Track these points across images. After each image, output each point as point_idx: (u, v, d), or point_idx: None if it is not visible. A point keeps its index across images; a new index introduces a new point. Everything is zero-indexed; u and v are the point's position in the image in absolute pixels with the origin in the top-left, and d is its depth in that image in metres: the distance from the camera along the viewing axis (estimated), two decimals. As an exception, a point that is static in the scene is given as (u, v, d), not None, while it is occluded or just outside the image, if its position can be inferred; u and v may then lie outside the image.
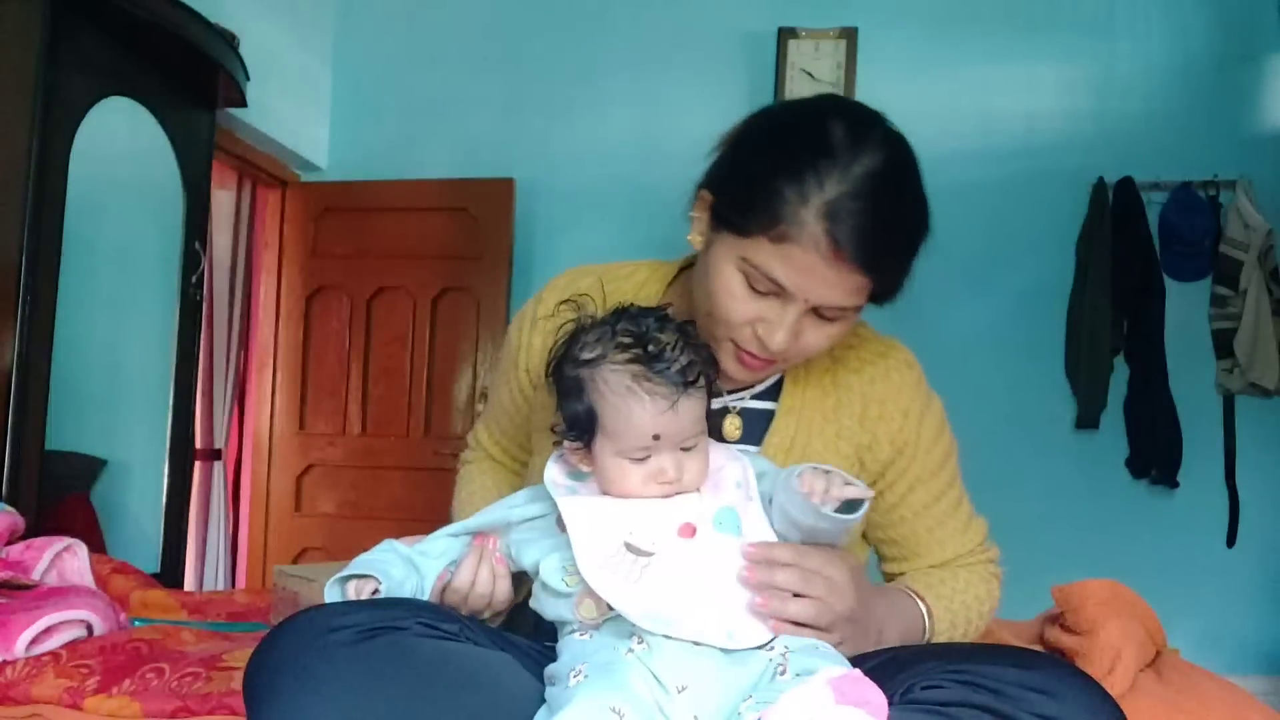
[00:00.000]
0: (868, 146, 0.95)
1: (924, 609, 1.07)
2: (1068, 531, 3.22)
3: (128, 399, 2.79)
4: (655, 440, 0.89)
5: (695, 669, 0.84)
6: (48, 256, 2.24)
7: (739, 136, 1.04)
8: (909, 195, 0.98)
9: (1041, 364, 3.37)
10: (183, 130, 2.81)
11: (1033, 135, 3.43)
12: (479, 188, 3.55)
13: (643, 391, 0.88)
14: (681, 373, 0.90)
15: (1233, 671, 2.89)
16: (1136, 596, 1.30)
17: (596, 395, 0.90)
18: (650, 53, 3.62)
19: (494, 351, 3.54)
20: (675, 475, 0.91)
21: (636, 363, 0.89)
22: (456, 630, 0.88)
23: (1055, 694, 0.79)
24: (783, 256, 0.94)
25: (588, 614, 0.89)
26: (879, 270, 0.96)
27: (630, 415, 0.89)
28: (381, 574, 0.93)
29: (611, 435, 0.90)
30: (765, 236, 0.94)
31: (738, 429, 1.11)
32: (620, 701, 0.78)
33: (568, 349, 0.94)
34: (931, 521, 1.12)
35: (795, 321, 0.97)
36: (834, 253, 0.92)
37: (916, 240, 1.00)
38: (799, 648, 0.84)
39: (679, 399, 0.89)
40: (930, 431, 1.11)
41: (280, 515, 3.64)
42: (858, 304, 0.99)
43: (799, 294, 0.95)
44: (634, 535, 0.89)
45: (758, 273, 0.96)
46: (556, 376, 0.95)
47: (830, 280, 0.94)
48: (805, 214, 0.92)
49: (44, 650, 1.30)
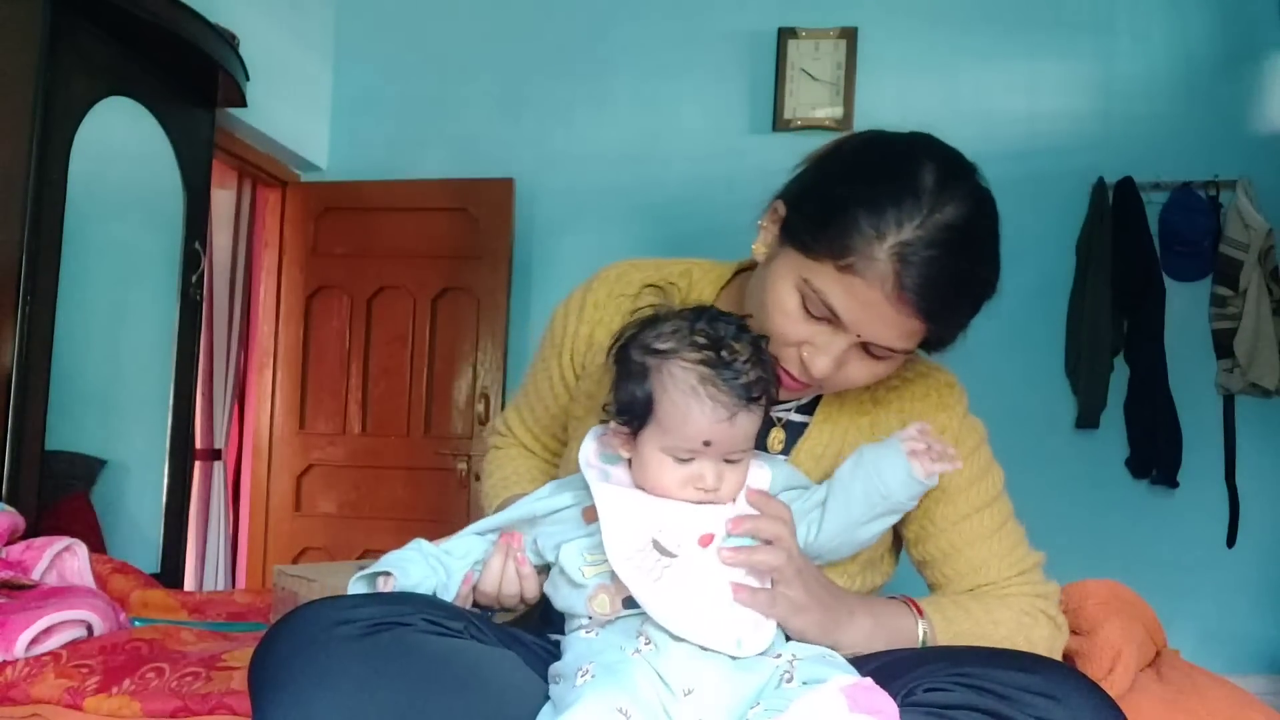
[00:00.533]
0: (954, 197, 0.93)
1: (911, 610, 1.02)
2: (1068, 531, 3.20)
3: (128, 399, 2.79)
4: (705, 446, 0.89)
5: (702, 672, 0.84)
6: (48, 256, 2.24)
7: (826, 155, 1.02)
8: (984, 254, 0.97)
9: (1041, 364, 3.38)
10: (183, 130, 2.81)
11: (1033, 135, 3.43)
12: (479, 188, 3.55)
13: (706, 396, 0.88)
14: (747, 387, 0.89)
15: (1233, 671, 2.89)
16: (1136, 596, 1.30)
17: (659, 386, 0.90)
18: (650, 52, 3.62)
19: (494, 351, 3.54)
20: (714, 485, 0.90)
21: (706, 365, 0.89)
22: (461, 627, 0.88)
23: (1059, 698, 0.79)
24: (845, 287, 0.93)
25: (600, 609, 0.89)
26: (937, 321, 0.95)
27: (688, 415, 0.89)
28: (400, 572, 0.94)
29: (664, 429, 0.90)
30: (832, 263, 0.93)
31: (780, 442, 1.10)
32: (627, 702, 0.78)
33: (639, 333, 0.94)
34: (960, 540, 1.08)
35: (842, 353, 0.97)
36: (898, 294, 0.91)
37: (980, 299, 0.99)
38: (806, 655, 0.84)
39: (739, 412, 0.89)
40: (965, 447, 1.09)
41: (280, 515, 3.64)
42: (908, 348, 0.98)
43: (853, 327, 0.95)
44: (662, 534, 0.89)
45: (816, 297, 0.95)
46: (621, 357, 0.94)
47: (888, 320, 0.94)
48: (877, 250, 0.91)
49: (44, 650, 1.30)
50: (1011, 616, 1.04)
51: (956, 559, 1.08)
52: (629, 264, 1.21)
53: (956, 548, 1.08)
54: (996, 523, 1.09)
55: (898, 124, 1.01)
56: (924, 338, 0.98)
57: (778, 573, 0.91)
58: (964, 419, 1.11)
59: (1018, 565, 1.08)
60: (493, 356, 3.54)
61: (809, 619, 0.92)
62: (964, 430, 1.10)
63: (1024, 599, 1.06)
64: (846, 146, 1.01)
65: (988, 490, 1.10)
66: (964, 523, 1.08)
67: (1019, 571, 1.08)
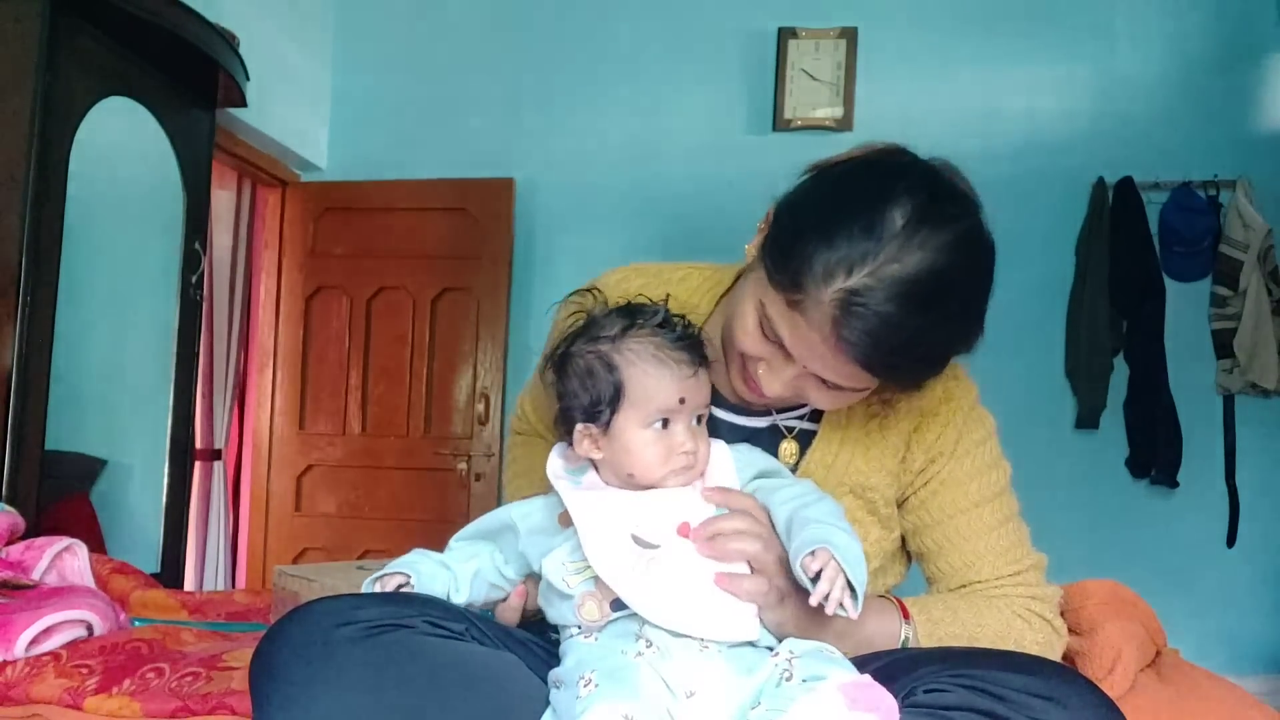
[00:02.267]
0: (923, 245, 0.86)
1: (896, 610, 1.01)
2: (1068, 531, 3.21)
3: (128, 399, 2.79)
4: (681, 404, 0.92)
5: (703, 674, 0.84)
6: (48, 256, 2.24)
7: (821, 171, 0.97)
8: (949, 312, 0.89)
9: (1041, 364, 3.38)
10: (183, 130, 2.81)
11: (1033, 135, 3.43)
12: (479, 188, 3.55)
13: (669, 359, 0.93)
14: (696, 346, 0.95)
15: (1233, 671, 2.89)
16: (1136, 596, 1.30)
17: (623, 365, 0.93)
18: (650, 52, 3.62)
19: (494, 351, 3.54)
20: (693, 445, 0.93)
21: (658, 335, 0.94)
22: (463, 629, 0.88)
23: (1059, 700, 0.79)
24: (790, 322, 0.91)
25: (590, 616, 0.89)
26: (883, 374, 0.92)
27: (660, 378, 0.92)
28: (412, 570, 0.97)
29: (637, 403, 0.92)
30: (783, 295, 0.91)
31: (793, 454, 1.09)
32: (633, 708, 0.78)
33: (577, 338, 0.97)
34: (957, 534, 1.06)
35: (794, 379, 0.97)
36: (836, 344, 0.88)
37: (938, 357, 0.94)
38: (804, 652, 0.84)
39: (698, 368, 0.94)
40: (968, 442, 1.08)
41: (280, 515, 3.64)
42: (859, 387, 0.96)
43: (800, 360, 0.94)
44: (640, 528, 0.90)
45: (769, 323, 0.94)
46: (566, 364, 0.96)
47: (829, 363, 0.91)
48: (824, 293, 0.87)
49: (44, 650, 1.30)
50: (1000, 620, 1.03)
51: (951, 553, 1.07)
52: (632, 269, 1.21)
53: (952, 541, 1.07)
54: (996, 520, 1.07)
55: (898, 124, 1.01)
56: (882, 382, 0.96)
57: (756, 560, 0.91)
58: (969, 412, 1.09)
59: (1014, 565, 1.06)
60: (493, 356, 3.54)
61: (789, 611, 0.91)
62: (969, 423, 1.09)
63: (1017, 600, 1.05)
64: (840, 168, 0.96)
65: (990, 486, 1.08)
66: (961, 516, 1.07)
67: (1014, 571, 1.06)
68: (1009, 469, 1.11)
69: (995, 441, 1.11)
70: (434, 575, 0.98)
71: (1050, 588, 1.08)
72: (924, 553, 1.10)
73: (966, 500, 1.07)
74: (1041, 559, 1.09)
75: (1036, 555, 1.09)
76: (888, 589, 1.13)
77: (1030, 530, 1.11)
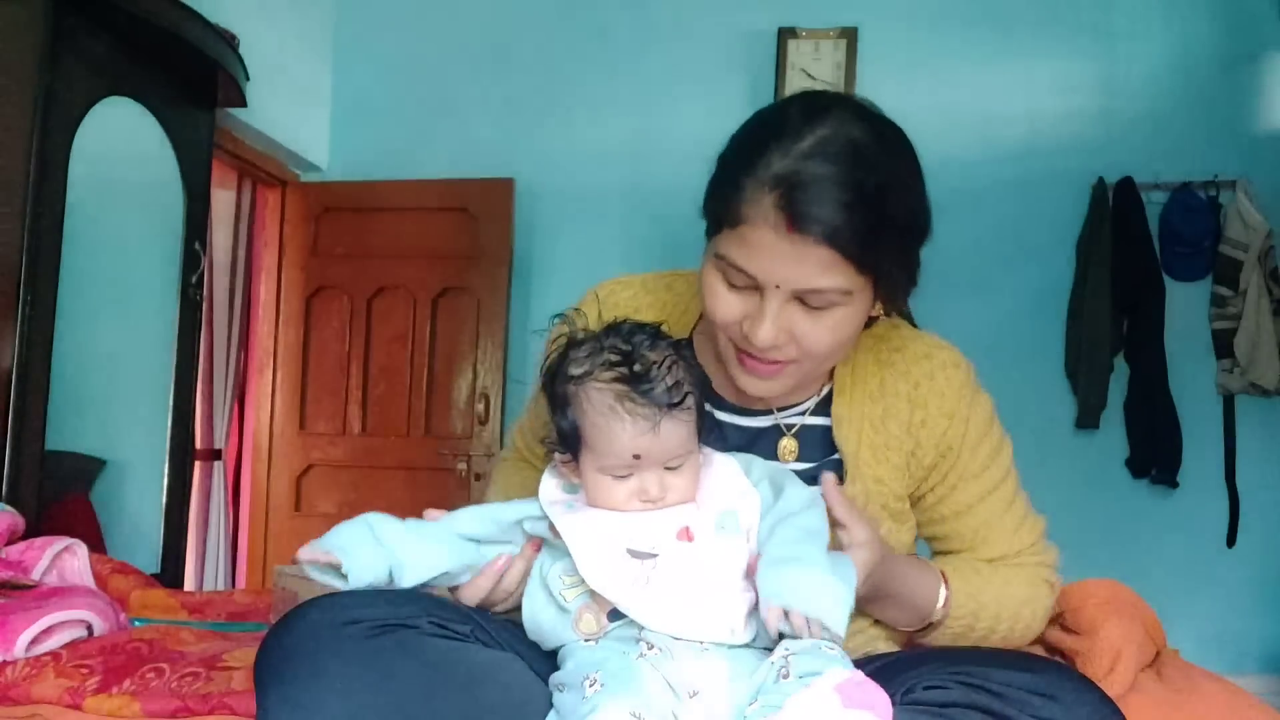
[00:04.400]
0: (824, 120, 0.91)
1: (943, 585, 1.05)
2: (1067, 531, 3.19)
3: (128, 399, 2.79)
4: (636, 460, 0.89)
5: (706, 674, 0.84)
6: (48, 256, 2.24)
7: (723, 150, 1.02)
8: (874, 163, 0.90)
9: (1041, 364, 3.38)
10: (183, 130, 2.81)
11: (1033, 136, 3.42)
12: (479, 188, 3.55)
13: (624, 412, 0.87)
14: (667, 393, 0.88)
15: (1233, 671, 2.88)
16: (1136, 596, 1.30)
17: (580, 412, 0.90)
18: (650, 53, 3.62)
19: (494, 351, 3.54)
20: (658, 494, 0.90)
21: (621, 382, 0.88)
22: (468, 631, 0.88)
23: (1058, 698, 0.79)
24: (740, 240, 0.93)
25: (587, 629, 0.89)
26: (842, 240, 0.89)
27: (612, 435, 0.88)
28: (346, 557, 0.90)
29: (595, 452, 0.90)
30: (727, 225, 0.94)
31: (792, 452, 1.09)
32: (640, 706, 0.78)
33: (560, 362, 0.93)
34: (976, 521, 1.09)
35: (777, 313, 0.93)
36: (787, 225, 0.89)
37: (887, 207, 0.90)
38: (801, 649, 0.84)
39: (661, 420, 0.88)
40: (975, 433, 1.08)
41: (280, 515, 3.64)
42: (838, 285, 0.92)
43: (768, 279, 0.92)
44: (634, 541, 0.89)
45: (730, 266, 0.94)
46: (548, 389, 0.95)
47: (790, 256, 0.90)
48: (756, 193, 0.91)
49: (44, 650, 1.30)
50: (1024, 590, 1.09)
51: (971, 538, 1.11)
52: (619, 282, 1.19)
53: (972, 528, 1.10)
54: (1008, 499, 1.11)
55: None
56: (855, 269, 0.91)
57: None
58: (971, 400, 1.09)
59: (1027, 537, 1.11)
60: (493, 356, 3.54)
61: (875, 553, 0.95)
62: (973, 411, 1.08)
63: (1032, 569, 1.11)
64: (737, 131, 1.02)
65: (998, 471, 1.10)
66: (979, 505, 1.09)
67: (1030, 544, 1.11)
68: (1010, 443, 1.13)
69: (997, 423, 1.12)
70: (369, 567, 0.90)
71: (1051, 550, 1.15)
72: (941, 538, 1.13)
73: (981, 489, 1.09)
74: (1042, 521, 1.15)
75: (1040, 520, 1.15)
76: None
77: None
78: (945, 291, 3.28)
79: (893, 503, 1.09)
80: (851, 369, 1.09)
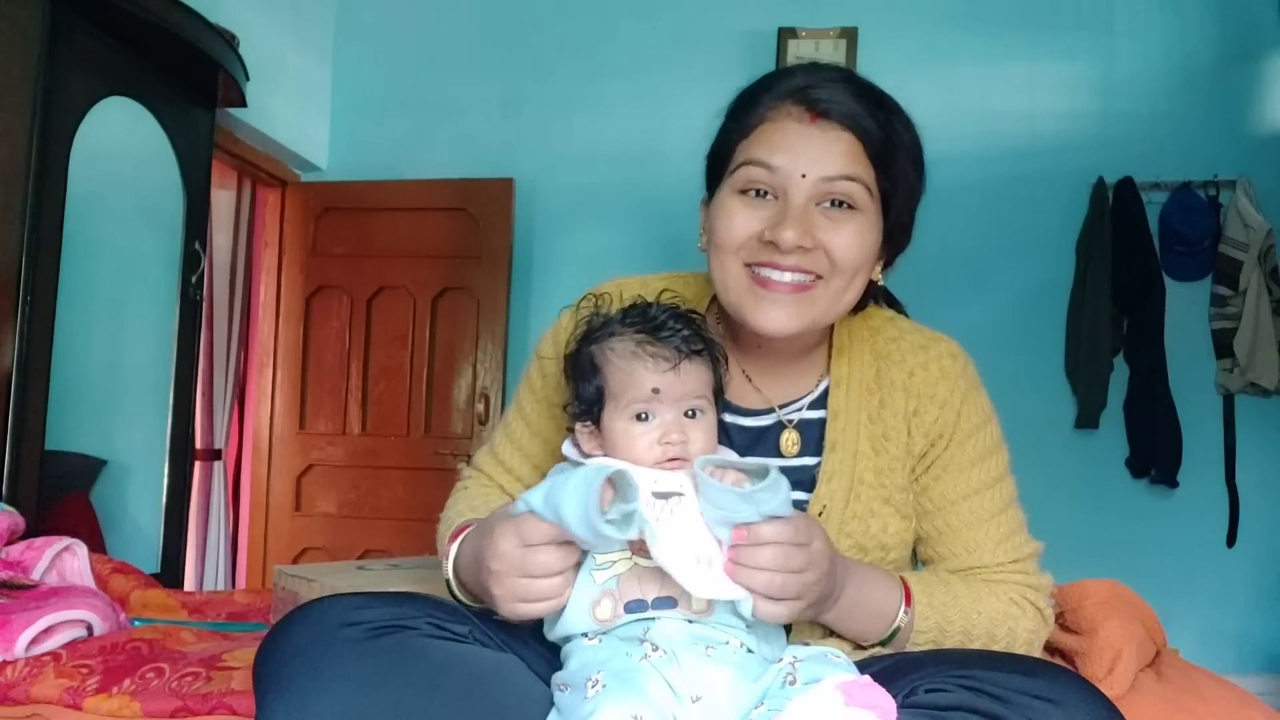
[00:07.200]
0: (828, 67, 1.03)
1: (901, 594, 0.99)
2: (1068, 531, 3.20)
3: (128, 399, 2.79)
4: (655, 394, 0.91)
5: (709, 679, 0.83)
6: (48, 256, 2.24)
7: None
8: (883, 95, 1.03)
9: (1041, 364, 3.38)
10: (183, 130, 2.81)
11: (1033, 135, 3.43)
12: (479, 188, 3.55)
13: (646, 354, 0.93)
14: (685, 340, 0.94)
15: (1233, 671, 2.89)
16: (1136, 596, 1.30)
17: (605, 363, 0.94)
18: (650, 53, 3.62)
19: (494, 351, 3.54)
20: (679, 439, 0.91)
21: (641, 332, 0.94)
22: (466, 632, 0.88)
23: (1059, 702, 0.79)
24: (763, 139, 0.99)
25: (602, 615, 0.89)
26: (860, 127, 0.98)
27: (633, 372, 0.92)
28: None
29: (617, 397, 0.93)
30: (745, 140, 1.01)
31: (795, 445, 1.08)
32: (642, 708, 0.78)
33: (582, 339, 0.98)
34: (958, 521, 1.05)
35: (801, 212, 0.98)
36: (810, 115, 0.98)
37: (896, 125, 1.01)
38: (808, 656, 0.84)
39: (680, 361, 0.92)
40: (967, 424, 1.06)
41: (280, 515, 3.64)
42: (859, 175, 0.99)
43: (793, 169, 0.98)
44: (658, 484, 0.89)
45: (752, 168, 1.00)
46: (570, 364, 0.98)
47: (814, 141, 0.98)
48: (776, 99, 0.99)
49: (44, 650, 1.30)
50: (999, 606, 1.02)
51: (952, 539, 1.06)
52: (615, 284, 1.17)
53: (953, 528, 1.06)
54: (996, 507, 1.07)
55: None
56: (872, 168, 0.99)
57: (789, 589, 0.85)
58: (965, 392, 1.07)
59: (1013, 553, 1.06)
60: (493, 356, 3.54)
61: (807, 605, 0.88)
62: (965, 403, 1.07)
63: (1014, 588, 1.05)
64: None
65: (989, 472, 1.07)
66: (963, 503, 1.06)
67: (1014, 559, 1.06)
68: (1008, 453, 1.10)
69: (995, 425, 1.10)
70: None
71: (1044, 576, 1.09)
72: (923, 537, 1.09)
73: (968, 486, 1.06)
74: (1038, 546, 1.09)
75: (1033, 543, 1.09)
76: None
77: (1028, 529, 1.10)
78: (945, 291, 3.29)
79: (895, 494, 1.07)
80: (848, 360, 1.09)
